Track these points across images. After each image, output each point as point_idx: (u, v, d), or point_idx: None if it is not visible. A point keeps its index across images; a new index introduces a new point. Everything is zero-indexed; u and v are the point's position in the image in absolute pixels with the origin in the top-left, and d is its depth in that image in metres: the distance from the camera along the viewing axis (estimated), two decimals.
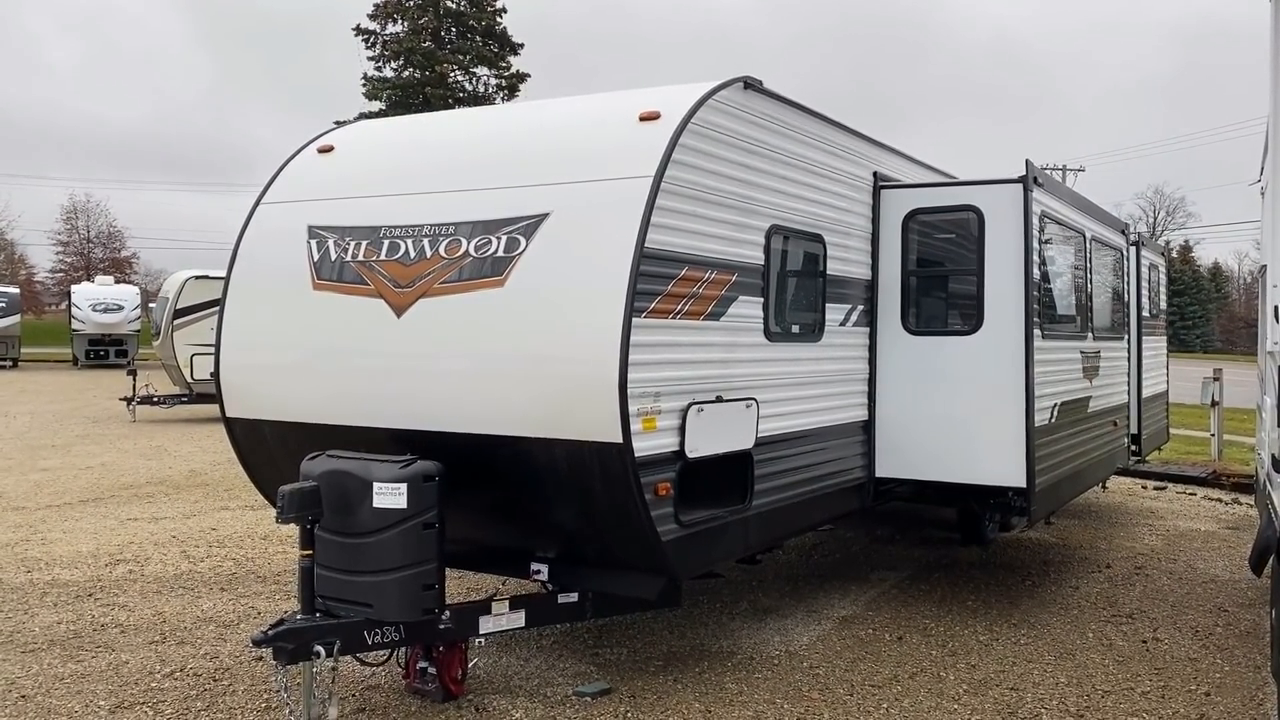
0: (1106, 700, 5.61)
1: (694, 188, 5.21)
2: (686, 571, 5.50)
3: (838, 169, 6.71)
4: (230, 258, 6.20)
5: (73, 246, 71.89)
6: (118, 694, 5.44)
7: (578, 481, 5.02)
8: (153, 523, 10.04)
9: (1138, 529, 10.35)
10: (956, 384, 6.98)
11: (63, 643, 6.27)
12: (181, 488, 12.21)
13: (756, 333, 5.79)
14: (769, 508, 5.90)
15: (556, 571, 5.56)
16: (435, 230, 5.39)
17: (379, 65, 43.29)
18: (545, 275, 5.03)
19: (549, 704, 5.38)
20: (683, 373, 5.18)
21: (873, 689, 5.72)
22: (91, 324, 37.87)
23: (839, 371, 6.76)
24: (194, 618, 6.85)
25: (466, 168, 5.64)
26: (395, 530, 4.87)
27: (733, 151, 5.56)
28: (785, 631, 6.70)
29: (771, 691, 5.63)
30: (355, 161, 6.18)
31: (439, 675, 5.35)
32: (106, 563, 8.35)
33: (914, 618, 7.09)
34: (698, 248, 5.25)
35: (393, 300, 5.41)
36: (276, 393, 5.90)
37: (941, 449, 7.02)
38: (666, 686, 5.67)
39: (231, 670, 5.82)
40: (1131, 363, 10.26)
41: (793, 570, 8.40)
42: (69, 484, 12.30)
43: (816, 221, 6.43)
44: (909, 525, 10.23)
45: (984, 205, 6.98)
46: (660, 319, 5.00)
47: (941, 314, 7.53)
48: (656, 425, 4.98)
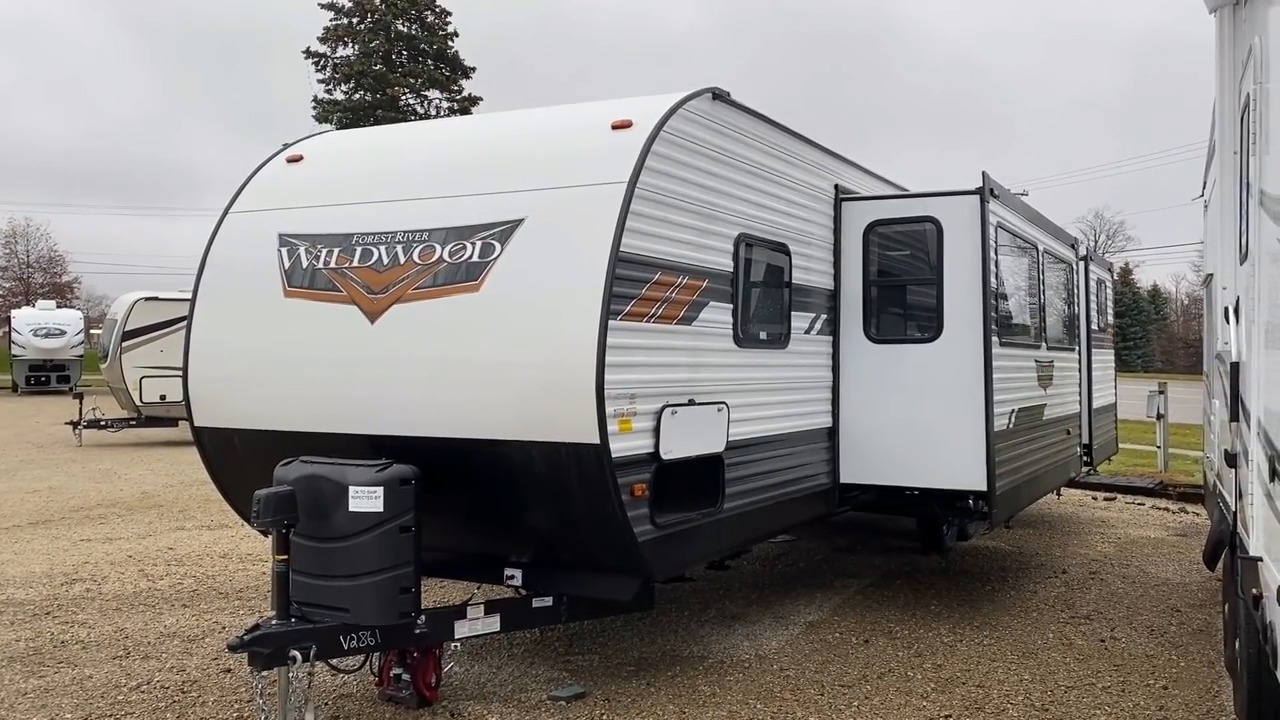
0: (1070, 695, 5.75)
1: (666, 194, 5.32)
2: (661, 572, 5.55)
3: (801, 180, 6.86)
4: (199, 267, 6.17)
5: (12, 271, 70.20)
6: (84, 707, 5.35)
7: (555, 483, 5.06)
8: (107, 543, 9.86)
9: (1090, 537, 10.60)
10: (917, 391, 7.14)
11: (23, 659, 6.15)
12: (134, 509, 11.99)
13: (726, 338, 5.90)
14: (739, 511, 5.98)
15: (531, 576, 5.58)
16: (409, 236, 5.43)
17: (329, 88, 43.08)
18: (521, 279, 5.09)
19: (524, 709, 5.39)
20: (657, 375, 5.26)
21: (843, 689, 5.80)
22: (32, 349, 37.05)
23: (804, 378, 6.89)
24: (157, 633, 6.75)
25: (440, 174, 5.69)
26: (372, 534, 4.87)
27: (702, 160, 5.68)
28: (754, 637, 6.77)
29: (744, 693, 5.69)
30: (326, 170, 6.21)
31: (413, 681, 5.34)
32: (62, 582, 8.19)
33: (879, 622, 7.20)
34: (670, 253, 5.34)
35: (366, 306, 5.43)
36: (247, 401, 5.87)
37: (904, 455, 7.16)
38: (640, 690, 5.70)
39: (200, 682, 5.75)
40: (1082, 374, 10.53)
41: (758, 579, 8.48)
42: (16, 507, 12.03)
43: (782, 231, 6.57)
44: (869, 535, 10.38)
45: (942, 216, 7.17)
46: (635, 322, 5.08)
47: (902, 323, 7.69)
48: (632, 427, 5.05)
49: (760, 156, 6.30)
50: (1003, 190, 7.60)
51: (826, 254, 7.22)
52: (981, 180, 7.12)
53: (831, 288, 7.27)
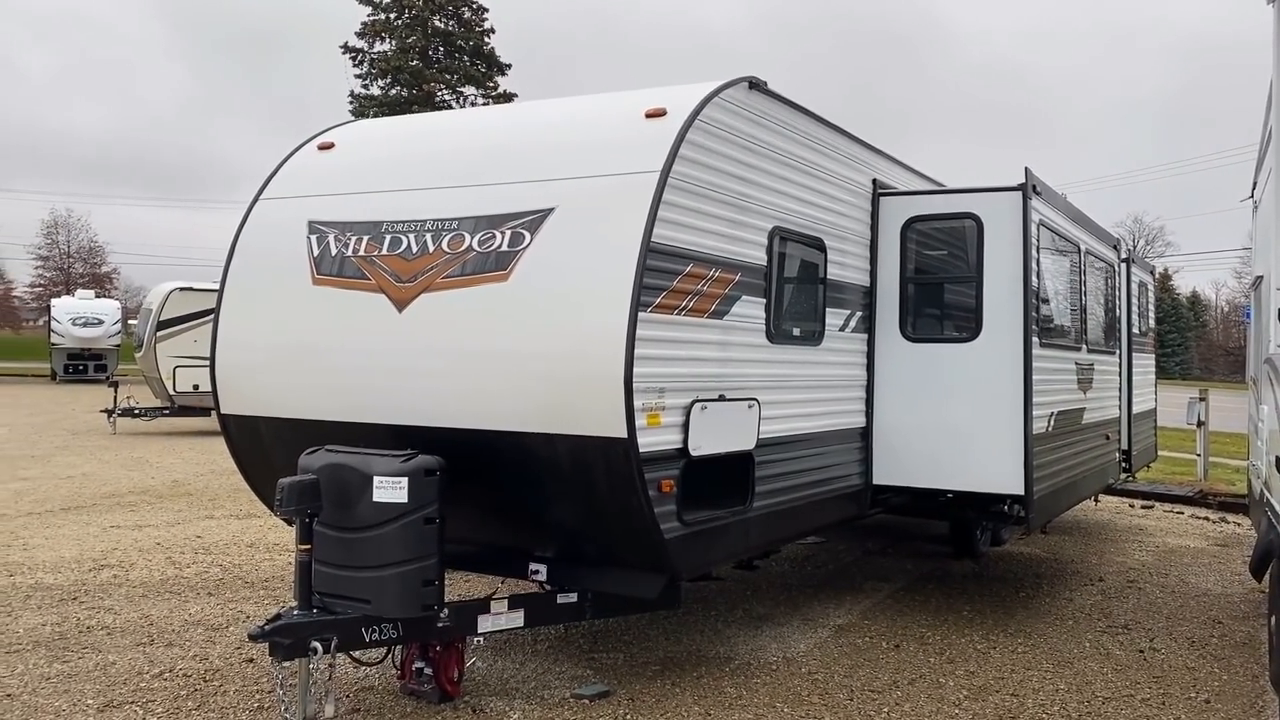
0: (1107, 707, 5.58)
1: (700, 184, 5.21)
2: (687, 571, 5.45)
3: (838, 174, 6.73)
4: (228, 253, 6.14)
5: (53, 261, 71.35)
6: (106, 693, 5.33)
7: (580, 477, 4.97)
8: (136, 530, 9.89)
9: (1128, 545, 10.37)
10: (954, 391, 6.98)
11: (48, 644, 6.15)
12: (164, 497, 12.04)
13: (759, 333, 5.78)
14: (769, 510, 5.86)
15: (555, 571, 5.49)
16: (438, 225, 5.36)
17: (366, 83, 43.33)
18: (550, 270, 5.00)
19: (547, 706, 5.30)
20: (686, 370, 5.15)
21: (872, 694, 5.67)
22: (71, 338, 37.48)
23: (838, 376, 6.75)
24: (182, 621, 6.73)
25: (470, 163, 5.61)
26: (395, 525, 4.80)
27: (737, 150, 5.56)
28: (782, 639, 6.65)
29: (771, 695, 5.57)
30: (356, 157, 6.15)
31: (435, 676, 5.27)
32: (90, 568, 8.21)
33: (910, 626, 7.06)
34: (702, 245, 5.23)
35: (394, 295, 5.37)
36: (273, 389, 5.83)
37: (939, 456, 7.00)
38: (664, 690, 5.60)
39: (222, 671, 5.72)
40: (1122, 378, 10.31)
41: (786, 580, 8.35)
42: (50, 492, 12.12)
43: (817, 225, 6.44)
44: (900, 538, 10.22)
45: (983, 213, 7.00)
46: (665, 315, 4.97)
47: (939, 321, 7.53)
48: (661, 421, 4.95)
49: (796, 148, 6.17)
50: (1045, 187, 7.42)
51: (863, 250, 7.08)
52: (1024, 176, 6.95)
53: (867, 284, 7.12)
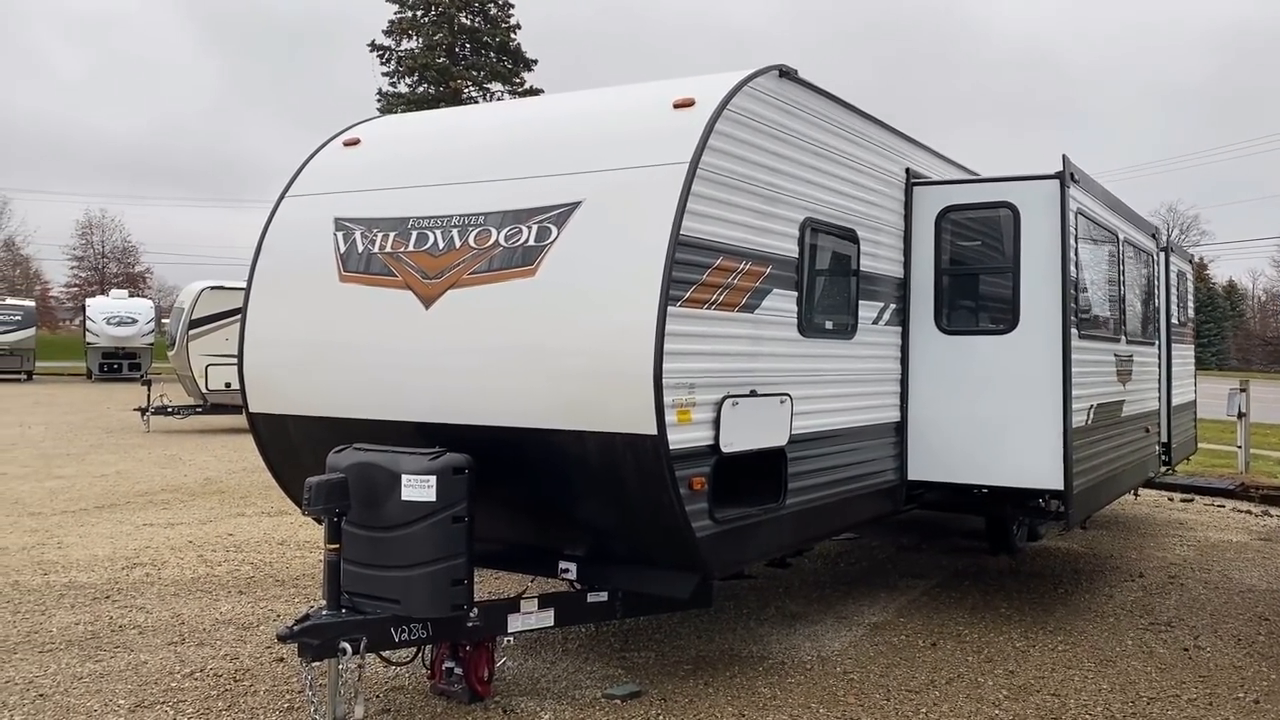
0: (1152, 707, 5.44)
1: (729, 175, 5.11)
2: (720, 570, 5.36)
3: (871, 163, 6.60)
4: (254, 251, 6.11)
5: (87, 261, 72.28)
6: (137, 693, 5.32)
7: (610, 475, 4.89)
8: (168, 528, 9.94)
9: (1168, 539, 10.16)
10: (991, 384, 6.84)
11: (80, 643, 6.16)
12: (197, 495, 12.11)
13: (790, 327, 5.67)
14: (802, 507, 5.76)
15: (585, 570, 5.42)
16: (465, 220, 5.30)
17: (394, 81, 43.46)
18: (578, 264, 4.92)
19: (578, 706, 5.24)
20: (717, 364, 5.06)
21: (910, 694, 5.56)
22: (105, 337, 37.92)
23: (872, 370, 6.63)
24: (213, 620, 6.73)
25: (496, 157, 5.54)
26: (424, 524, 4.75)
27: (768, 140, 5.45)
28: (816, 637, 6.55)
29: (806, 696, 5.48)
30: (382, 153, 6.10)
31: (465, 676, 5.21)
32: (123, 566, 8.24)
33: (947, 624, 6.93)
34: (732, 237, 5.13)
35: (421, 291, 5.31)
36: (301, 387, 5.80)
37: (975, 451, 6.86)
38: (697, 690, 5.52)
39: (252, 671, 5.70)
40: (1161, 369, 10.10)
41: (819, 577, 8.24)
42: (84, 490, 12.21)
43: (850, 216, 6.31)
44: (934, 534, 10.07)
45: (1020, 202, 6.85)
46: (695, 309, 4.88)
47: (975, 313, 7.39)
48: (691, 418, 4.86)
49: (828, 137, 6.05)
50: (1083, 175, 7.25)
51: (896, 240, 6.95)
52: (1062, 164, 6.79)
53: (901, 276, 6.99)
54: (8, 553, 8.63)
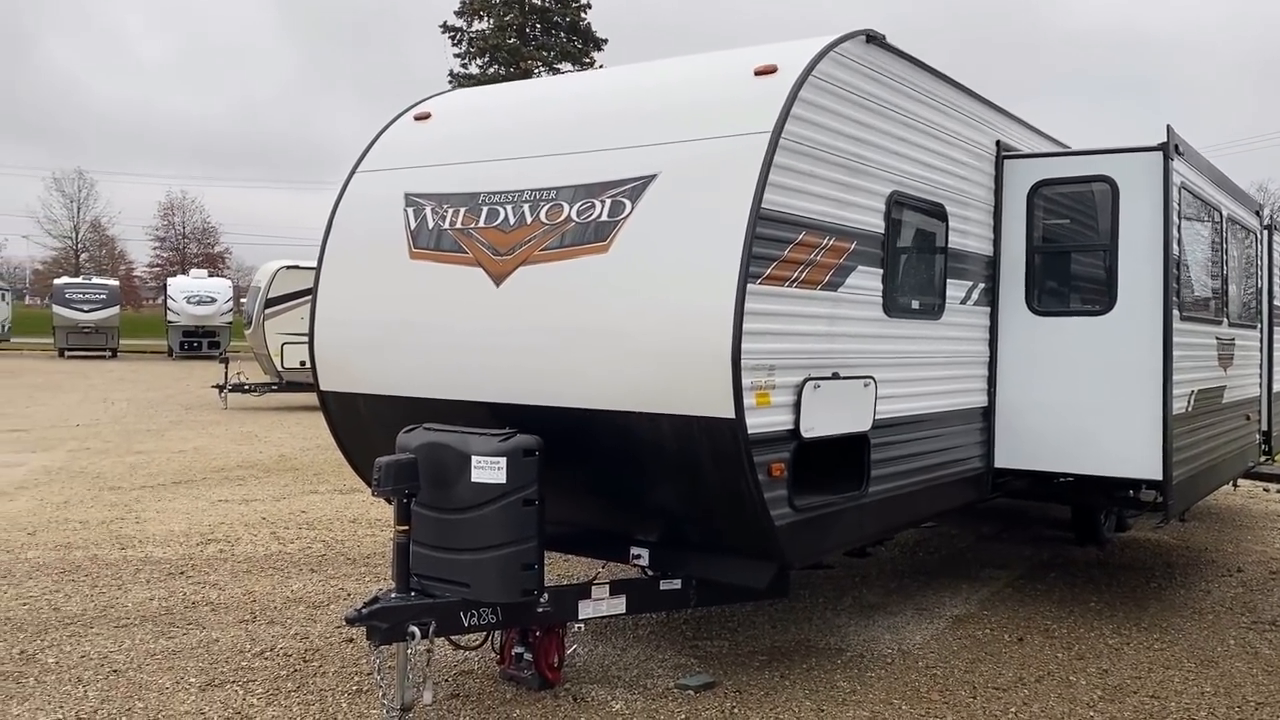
0: (1260, 713, 5.11)
1: (813, 146, 4.86)
2: (798, 559, 5.15)
3: (960, 134, 6.28)
4: (325, 228, 6.03)
5: (169, 242, 74.18)
6: (208, 671, 5.30)
7: (685, 460, 4.70)
8: (243, 504, 10.03)
9: (1267, 533, 9.67)
10: (1085, 368, 6.49)
11: (154, 619, 6.18)
12: (271, 471, 12.24)
13: (875, 306, 5.41)
14: (885, 496, 5.51)
15: (658, 556, 5.25)
16: (536, 195, 5.13)
17: (465, 62, 43.60)
18: (653, 240, 4.73)
19: (650, 696, 5.08)
20: (798, 345, 4.84)
21: (997, 692, 5.30)
22: (186, 316, 38.77)
23: (959, 353, 6.33)
24: (284, 598, 6.72)
25: (569, 130, 5.36)
26: (494, 506, 4.62)
27: (854, 109, 5.19)
28: (896, 629, 6.31)
29: (887, 691, 5.25)
30: (453, 127, 5.96)
31: (535, 662, 5.09)
32: (198, 542, 8.31)
33: (1033, 618, 6.64)
34: (815, 211, 4.89)
35: (491, 269, 5.17)
36: (372, 365, 5.71)
37: (1068, 438, 6.53)
38: (773, 682, 5.33)
39: (322, 651, 5.65)
40: (1263, 354, 9.58)
41: (897, 566, 7.98)
42: (163, 466, 12.42)
43: (938, 190, 6.01)
44: (1016, 522, 9.72)
45: (1119, 175, 6.47)
46: (775, 286, 4.66)
47: (1069, 293, 7.03)
48: (771, 401, 4.65)
49: (916, 107, 5.76)
50: (1188, 147, 6.83)
51: (986, 216, 6.62)
52: (1166, 135, 6.39)
53: (991, 254, 6.66)
54: (88, 526, 8.78)
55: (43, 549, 7.92)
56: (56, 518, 9.12)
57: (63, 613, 6.26)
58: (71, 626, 5.99)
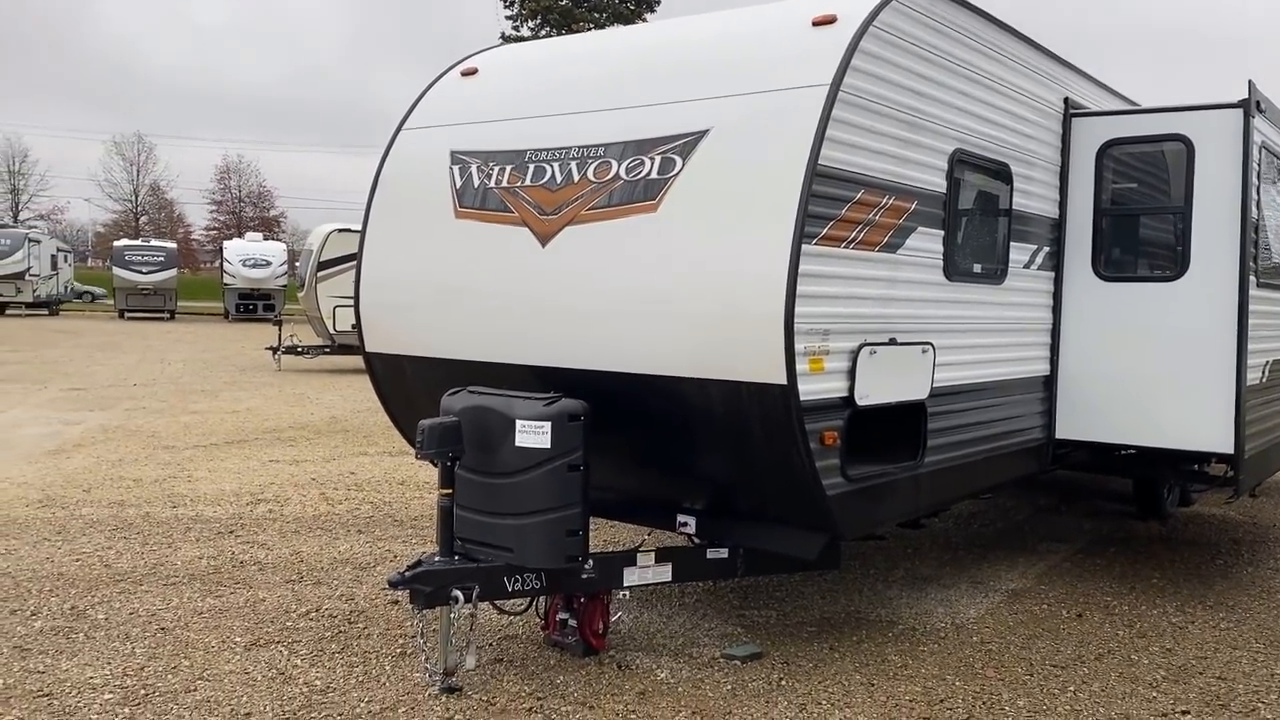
0: None
1: (873, 100, 4.65)
2: (851, 531, 5.00)
3: (1027, 90, 6.00)
4: (370, 187, 5.95)
5: (225, 205, 75.20)
6: (254, 630, 5.31)
7: (734, 427, 4.57)
8: (293, 465, 10.09)
9: None
10: (1154, 336, 6.23)
11: (203, 577, 6.21)
12: (322, 433, 12.32)
13: (935, 270, 5.21)
14: (942, 466, 5.34)
15: (705, 525, 5.14)
16: (584, 152, 4.99)
17: (517, 24, 43.33)
18: (703, 198, 4.57)
19: (696, 665, 4.99)
20: (854, 309, 4.66)
21: (1055, 669, 5.13)
22: (241, 278, 39.26)
23: (1021, 319, 6.11)
24: (331, 559, 6.72)
25: (618, 85, 5.20)
26: (538, 471, 4.53)
27: (916, 62, 4.96)
28: (949, 603, 6.14)
29: (940, 666, 5.10)
30: (500, 83, 5.83)
31: (579, 628, 5.02)
32: (248, 502, 8.36)
33: (1093, 594, 6.43)
34: (875, 169, 4.69)
35: (537, 228, 5.05)
36: (417, 327, 5.63)
37: (1134, 410, 6.28)
38: (822, 654, 5.20)
39: (367, 613, 5.63)
40: None
41: (951, 538, 7.79)
42: (216, 426, 12.56)
43: (1002, 149, 5.76)
44: (1075, 494, 9.47)
45: (1194, 134, 6.16)
46: (831, 247, 4.48)
47: (1138, 258, 6.75)
48: (824, 367, 4.49)
49: (981, 60, 5.50)
50: (1270, 104, 6.48)
51: (1052, 177, 6.35)
52: (1247, 91, 6.06)
53: (1056, 216, 6.40)
54: (141, 484, 8.88)
55: (97, 506, 8.02)
56: (111, 475, 9.24)
57: (114, 569, 6.32)
58: (122, 583, 6.04)
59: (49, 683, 4.57)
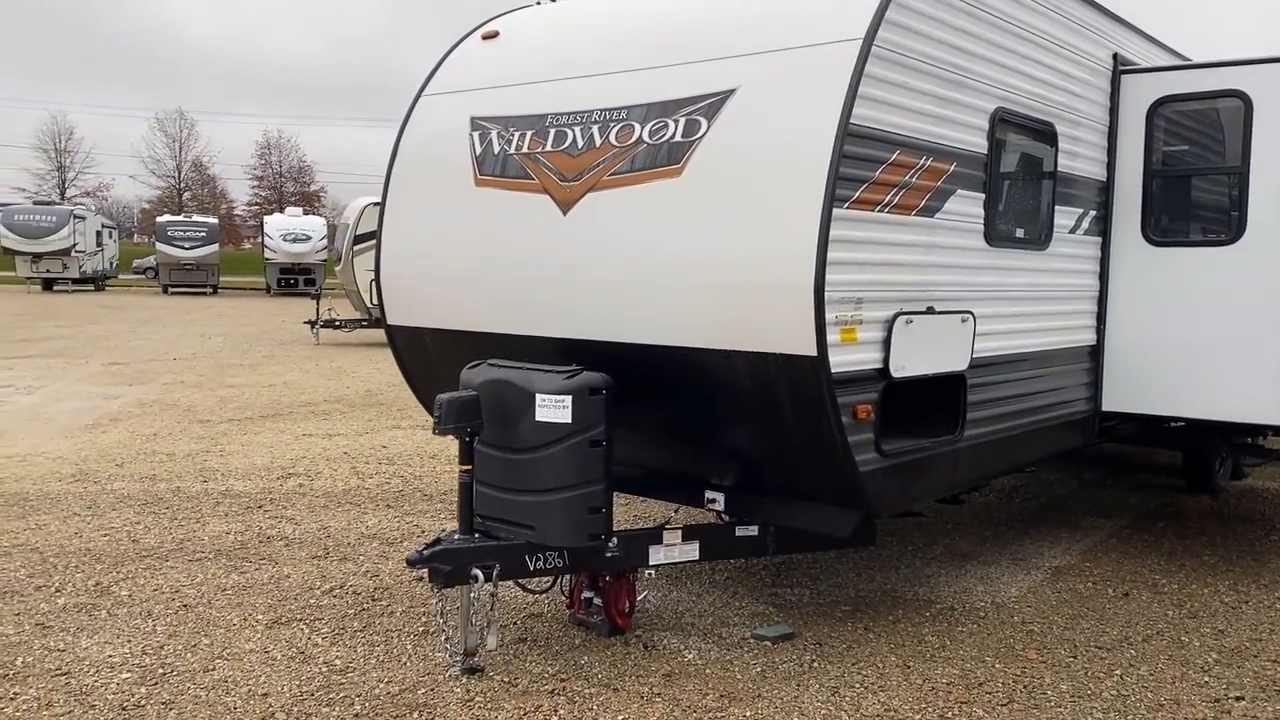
0: None
1: (909, 54, 4.41)
2: (885, 508, 4.81)
3: (1073, 45, 5.71)
4: (390, 156, 5.80)
5: (266, 180, 75.72)
6: (276, 608, 5.24)
7: (763, 400, 4.38)
8: (326, 439, 10.06)
9: None
10: (1207, 303, 5.94)
11: (229, 553, 6.16)
12: (357, 406, 12.30)
13: (975, 234, 4.97)
14: (982, 440, 5.12)
15: (734, 501, 4.97)
16: (605, 115, 4.80)
17: None
18: (729, 161, 4.36)
19: (724, 646, 4.84)
20: (889, 276, 4.45)
21: (1100, 652, 4.92)
22: (282, 253, 39.55)
23: (1066, 286, 5.85)
24: (358, 534, 6.65)
25: (641, 44, 4.99)
26: (559, 447, 4.39)
27: (954, 14, 4.70)
28: (989, 580, 5.94)
29: (979, 648, 4.91)
30: (522, 46, 5.64)
31: (605, 607, 4.89)
32: (279, 476, 8.33)
33: (1140, 572, 6.19)
34: (911, 128, 4.46)
35: (558, 196, 4.87)
36: (437, 300, 5.50)
37: (1185, 381, 6.01)
38: (856, 635, 5.03)
39: (391, 590, 5.55)
40: None
41: (992, 513, 7.56)
42: (252, 400, 12.59)
43: (1047, 107, 5.49)
44: (1121, 468, 9.18)
45: (1253, 90, 5.83)
46: (865, 211, 4.26)
47: (1190, 221, 6.44)
48: (857, 337, 4.29)
49: (1024, 13, 5.22)
50: None
51: (1099, 137, 6.05)
52: None
53: (1103, 178, 6.11)
54: (174, 459, 8.88)
55: (129, 480, 8.02)
56: (145, 449, 9.26)
57: (141, 545, 6.29)
58: (148, 559, 6.00)
59: (68, 661, 4.52)
